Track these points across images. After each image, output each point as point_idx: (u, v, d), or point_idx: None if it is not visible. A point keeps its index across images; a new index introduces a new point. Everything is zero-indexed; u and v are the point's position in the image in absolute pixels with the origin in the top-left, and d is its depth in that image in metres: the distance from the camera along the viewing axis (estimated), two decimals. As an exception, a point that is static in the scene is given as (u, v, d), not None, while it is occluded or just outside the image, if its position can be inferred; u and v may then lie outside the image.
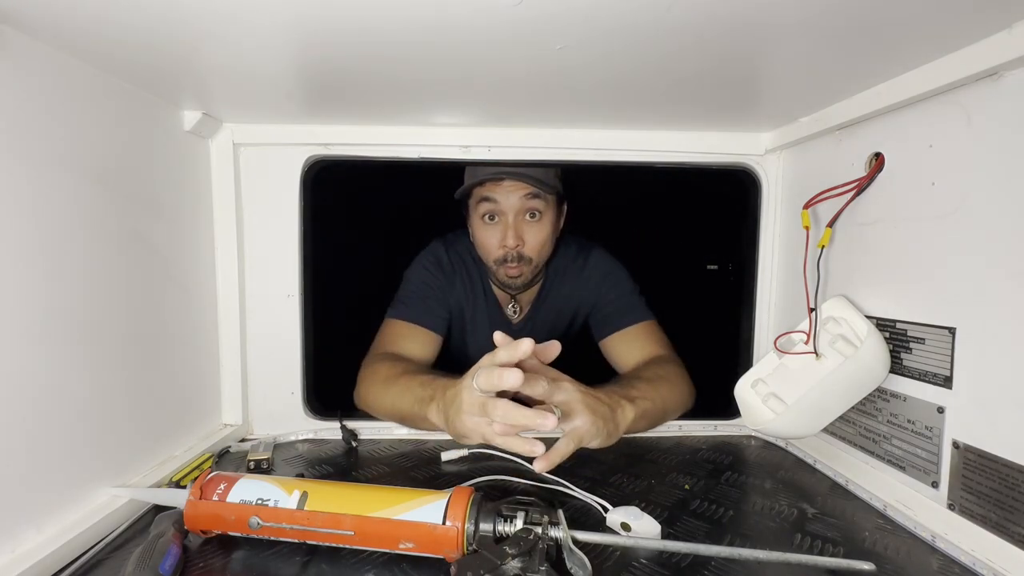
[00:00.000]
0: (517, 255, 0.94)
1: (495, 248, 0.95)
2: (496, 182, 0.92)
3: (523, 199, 0.92)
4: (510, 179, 0.91)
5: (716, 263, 1.74)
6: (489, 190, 0.93)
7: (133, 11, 0.47)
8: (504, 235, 0.93)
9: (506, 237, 0.93)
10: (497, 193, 0.92)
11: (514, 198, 0.92)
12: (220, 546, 0.54)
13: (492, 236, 0.95)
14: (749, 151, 0.88)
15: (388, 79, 0.64)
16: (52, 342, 0.54)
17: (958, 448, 0.56)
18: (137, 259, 0.67)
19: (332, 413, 0.89)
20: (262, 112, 0.79)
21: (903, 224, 0.63)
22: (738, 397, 0.76)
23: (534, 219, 0.94)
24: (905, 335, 0.63)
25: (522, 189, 0.92)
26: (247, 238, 0.87)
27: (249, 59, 0.58)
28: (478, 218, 0.96)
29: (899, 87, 0.60)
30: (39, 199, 0.53)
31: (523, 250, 0.94)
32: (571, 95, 0.69)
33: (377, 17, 0.47)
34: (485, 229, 0.95)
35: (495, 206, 0.93)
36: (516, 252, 0.93)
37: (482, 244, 0.97)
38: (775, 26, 0.49)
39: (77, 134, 0.58)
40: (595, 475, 0.73)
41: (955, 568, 0.53)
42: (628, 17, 0.47)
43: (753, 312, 0.93)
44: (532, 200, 0.93)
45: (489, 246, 0.95)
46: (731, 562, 0.53)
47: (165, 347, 0.73)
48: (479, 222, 0.96)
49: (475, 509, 0.51)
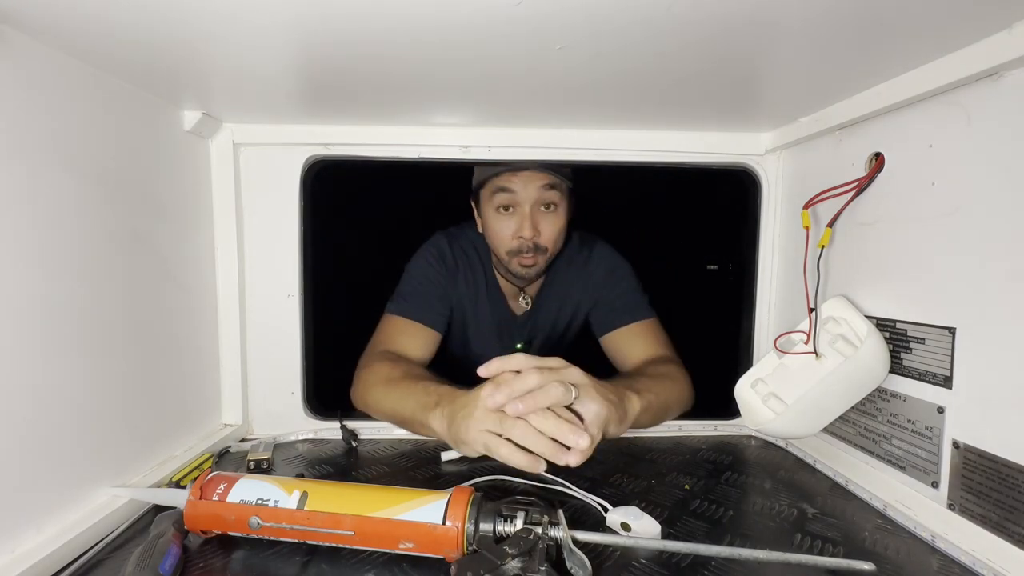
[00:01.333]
0: (533, 245, 0.93)
1: (509, 239, 0.94)
2: (513, 172, 0.91)
3: (540, 190, 0.92)
4: (528, 170, 0.91)
5: (716, 263, 1.74)
6: (506, 180, 0.92)
7: (133, 11, 0.47)
8: (521, 226, 0.92)
9: (523, 228, 0.92)
10: (514, 183, 0.91)
11: (531, 188, 0.91)
12: (220, 546, 0.54)
13: (507, 227, 0.94)
14: (749, 151, 0.88)
15: (388, 79, 0.64)
16: (52, 342, 0.54)
17: (958, 448, 0.56)
18: (137, 259, 0.67)
19: (332, 413, 0.89)
20: (262, 112, 0.79)
21: (903, 224, 0.63)
22: (738, 397, 0.76)
23: (549, 210, 0.94)
24: (905, 335, 0.63)
25: (539, 180, 0.91)
26: (247, 238, 0.87)
27: (249, 59, 0.58)
28: (492, 209, 0.95)
29: (899, 87, 0.60)
30: (39, 199, 0.53)
31: (539, 240, 0.93)
32: (571, 95, 0.69)
33: (377, 17, 0.47)
34: (499, 220, 0.94)
35: (512, 196, 0.92)
36: (532, 243, 0.93)
37: (496, 234, 0.96)
38: (775, 26, 0.49)
39: (77, 134, 0.58)
40: (595, 475, 0.73)
41: (955, 568, 0.53)
42: (628, 17, 0.47)
43: (753, 312, 0.93)
44: (549, 192, 0.92)
45: (503, 237, 0.94)
46: (731, 562, 0.53)
47: (165, 347, 0.73)
48: (493, 213, 0.95)
49: (475, 509, 0.51)
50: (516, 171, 0.91)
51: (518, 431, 0.56)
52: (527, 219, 0.92)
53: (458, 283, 1.02)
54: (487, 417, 0.58)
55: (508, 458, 0.56)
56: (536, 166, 0.90)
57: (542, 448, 0.56)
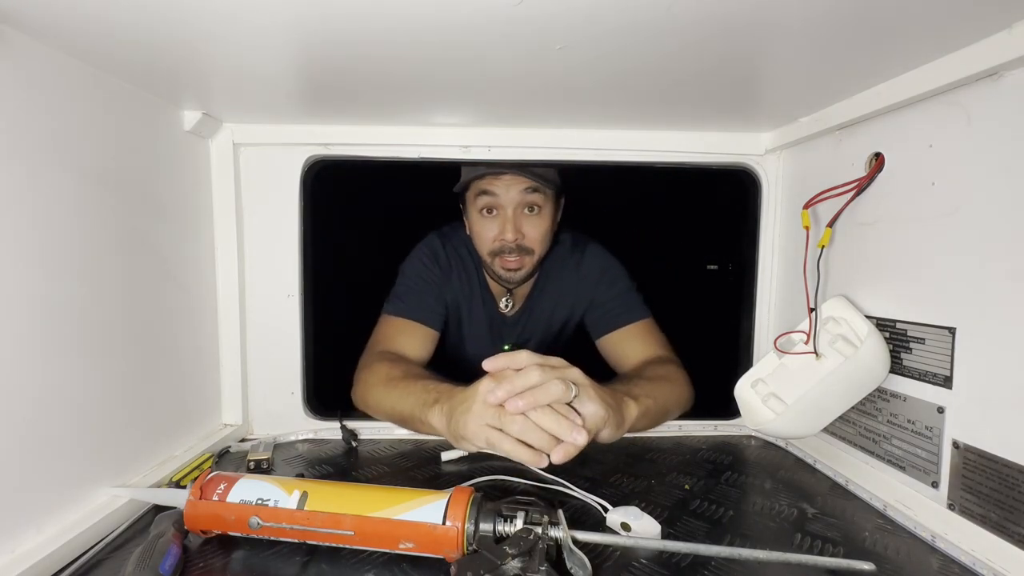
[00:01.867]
0: (517, 247, 0.93)
1: (491, 241, 0.94)
2: (496, 176, 0.91)
3: (522, 193, 0.92)
4: (510, 173, 0.91)
5: (716, 263, 1.74)
6: (488, 184, 0.92)
7: (133, 11, 0.47)
8: (503, 228, 0.93)
9: (504, 231, 0.92)
10: (496, 187, 0.92)
11: (513, 192, 0.92)
12: (220, 546, 0.54)
13: (489, 229, 0.94)
14: (749, 151, 0.88)
15: (388, 79, 0.64)
16: (52, 342, 0.54)
17: (958, 448, 0.56)
18: (137, 259, 0.67)
19: (332, 413, 0.89)
20: (262, 112, 0.79)
21: (903, 224, 0.63)
22: (738, 397, 0.76)
23: (533, 213, 0.94)
24: (905, 335, 0.63)
25: (522, 183, 0.91)
26: (247, 238, 0.87)
27: (249, 59, 0.58)
28: (476, 211, 0.95)
29: (899, 87, 0.60)
30: (39, 199, 0.53)
31: (523, 242, 0.94)
32: (571, 95, 0.69)
33: (377, 17, 0.47)
34: (483, 222, 0.95)
35: (494, 199, 0.92)
36: (515, 244, 0.93)
37: (479, 236, 0.96)
38: (775, 26, 0.49)
39: (77, 134, 0.57)
40: (595, 475, 0.73)
41: (955, 568, 0.53)
42: (628, 17, 0.47)
43: (753, 312, 0.93)
44: (531, 194, 0.92)
45: (486, 238, 0.95)
46: (731, 562, 0.53)
47: (165, 347, 0.73)
48: (477, 215, 0.95)
49: (475, 509, 0.51)
50: (498, 175, 0.91)
51: (517, 426, 0.56)
52: (509, 222, 0.92)
53: (452, 282, 1.02)
54: (486, 412, 0.58)
55: (512, 452, 0.56)
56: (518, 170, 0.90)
57: (542, 443, 0.55)
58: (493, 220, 0.94)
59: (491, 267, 0.98)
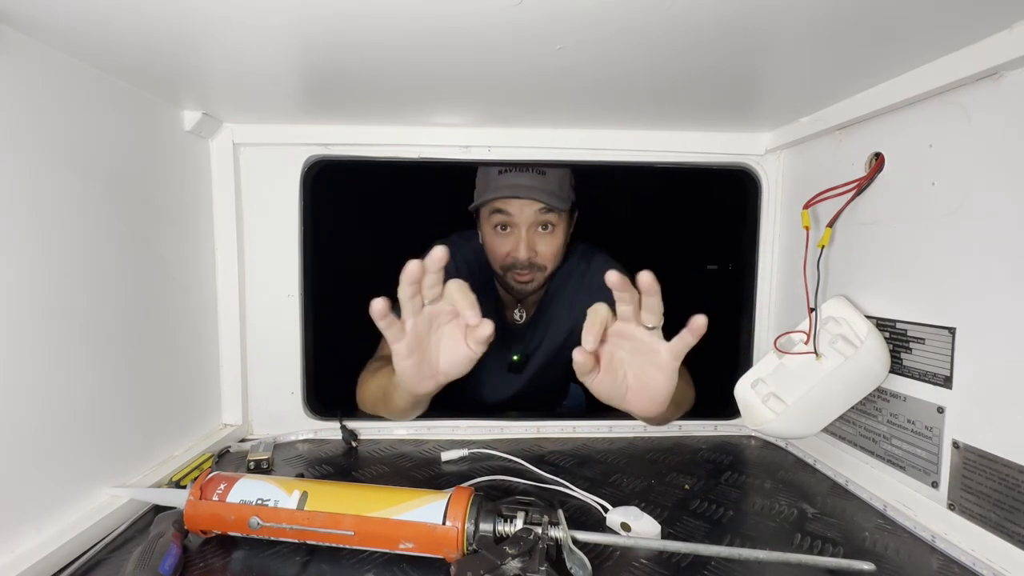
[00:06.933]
0: (529, 263, 0.95)
1: (504, 256, 0.96)
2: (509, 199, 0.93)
3: (537, 213, 0.93)
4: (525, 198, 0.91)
5: (716, 263, 1.74)
6: (503, 203, 0.94)
7: (133, 12, 0.47)
8: (516, 246, 0.94)
9: (518, 249, 0.94)
10: (511, 206, 0.93)
11: (528, 212, 0.93)
12: (220, 546, 0.54)
13: (503, 246, 0.96)
14: (749, 151, 0.88)
15: (388, 79, 0.64)
16: (52, 342, 0.54)
17: (958, 448, 0.56)
18: (137, 259, 0.67)
19: (332, 413, 0.89)
20: (262, 112, 0.79)
21: (903, 224, 0.63)
22: (738, 397, 0.76)
23: (547, 231, 0.96)
24: (905, 335, 0.63)
25: (536, 205, 0.93)
26: (247, 238, 0.87)
27: (249, 59, 0.58)
28: (490, 227, 0.97)
29: (899, 87, 0.60)
30: (39, 199, 0.53)
31: (537, 259, 0.95)
32: (571, 95, 0.69)
33: (377, 17, 0.47)
34: (497, 238, 0.97)
35: (508, 218, 0.94)
36: (528, 261, 0.95)
37: (492, 251, 0.98)
38: (775, 26, 0.49)
39: (77, 134, 0.57)
40: (595, 475, 0.73)
41: (955, 568, 0.53)
42: (628, 17, 0.47)
43: (753, 312, 0.93)
44: (546, 214, 0.94)
45: (499, 254, 0.97)
46: (731, 562, 0.53)
47: (165, 347, 0.73)
48: (491, 231, 0.97)
49: (475, 509, 0.51)
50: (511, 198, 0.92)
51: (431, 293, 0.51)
52: (523, 240, 0.94)
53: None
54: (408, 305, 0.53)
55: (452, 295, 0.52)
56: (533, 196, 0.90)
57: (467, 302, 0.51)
58: (507, 237, 0.95)
59: (504, 278, 1.00)
